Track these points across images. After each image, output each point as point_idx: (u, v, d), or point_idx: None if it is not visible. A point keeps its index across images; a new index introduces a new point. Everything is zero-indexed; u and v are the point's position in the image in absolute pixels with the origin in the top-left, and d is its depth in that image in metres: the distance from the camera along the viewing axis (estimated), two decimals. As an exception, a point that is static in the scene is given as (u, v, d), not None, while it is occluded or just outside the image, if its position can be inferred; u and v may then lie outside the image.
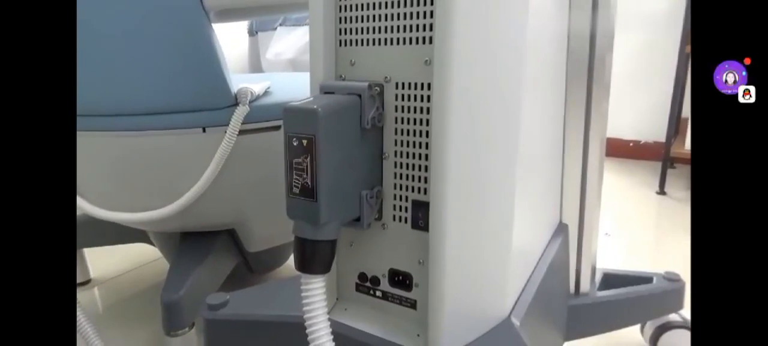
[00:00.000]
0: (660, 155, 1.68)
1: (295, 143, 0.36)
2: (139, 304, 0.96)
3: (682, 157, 1.68)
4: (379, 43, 0.40)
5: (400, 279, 0.44)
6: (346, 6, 0.41)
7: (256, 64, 2.28)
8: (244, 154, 0.68)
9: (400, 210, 0.42)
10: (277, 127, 0.69)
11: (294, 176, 0.37)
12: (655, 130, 2.04)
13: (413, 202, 0.41)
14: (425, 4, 0.37)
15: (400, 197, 0.42)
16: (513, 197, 0.42)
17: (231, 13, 0.74)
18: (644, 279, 0.70)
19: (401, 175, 0.42)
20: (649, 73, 2.02)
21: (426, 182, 0.40)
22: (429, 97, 0.39)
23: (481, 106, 0.38)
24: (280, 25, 2.12)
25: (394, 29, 0.39)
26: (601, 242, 1.20)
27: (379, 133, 0.42)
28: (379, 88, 0.40)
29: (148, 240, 0.93)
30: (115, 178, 0.70)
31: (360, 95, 0.39)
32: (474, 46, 0.36)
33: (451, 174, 0.37)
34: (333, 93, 0.40)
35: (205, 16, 0.61)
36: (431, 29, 0.37)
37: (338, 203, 0.38)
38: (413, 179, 0.41)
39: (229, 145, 0.64)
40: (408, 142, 0.41)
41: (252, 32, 2.27)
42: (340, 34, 0.42)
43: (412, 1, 0.38)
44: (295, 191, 0.37)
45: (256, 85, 0.68)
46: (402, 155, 0.41)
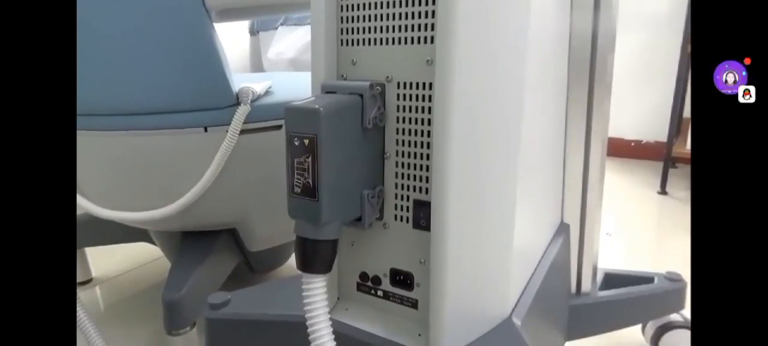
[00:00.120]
0: (661, 155, 1.68)
1: (297, 143, 0.36)
2: (140, 303, 0.96)
3: (684, 157, 1.67)
4: (381, 43, 0.40)
5: (402, 279, 0.44)
6: (347, 5, 0.41)
7: (257, 64, 2.28)
8: (246, 154, 0.68)
9: (402, 210, 0.42)
10: (279, 127, 0.69)
11: (295, 175, 0.37)
12: (657, 130, 2.04)
13: (415, 201, 0.41)
14: (427, 3, 0.37)
15: (402, 196, 0.42)
16: (514, 197, 0.42)
17: (232, 13, 0.74)
18: (645, 279, 0.70)
19: (403, 174, 0.42)
20: (651, 72, 2.02)
21: (427, 181, 0.40)
22: (430, 97, 0.39)
23: (482, 106, 0.38)
24: (282, 25, 2.12)
25: (396, 29, 0.39)
26: (603, 242, 1.20)
27: (381, 133, 0.42)
28: (380, 88, 0.40)
29: (150, 239, 0.93)
30: (117, 177, 0.71)
31: (361, 95, 0.39)
32: (475, 45, 0.36)
33: (452, 174, 0.37)
34: (334, 93, 0.40)
35: (207, 16, 0.61)
36: (433, 29, 0.37)
37: (340, 203, 0.38)
38: (415, 179, 0.41)
39: (231, 145, 0.64)
40: (409, 142, 0.41)
41: (253, 32, 2.27)
42: (342, 33, 0.42)
43: (413, 0, 0.38)
44: (297, 190, 0.37)
45: (257, 84, 0.68)
46: (403, 155, 0.41)
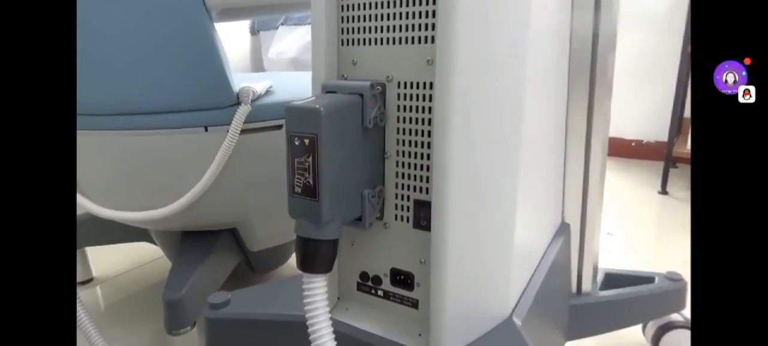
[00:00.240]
0: (662, 155, 1.68)
1: (297, 143, 0.36)
2: (140, 303, 0.96)
3: (685, 157, 1.67)
4: (381, 43, 0.40)
5: (402, 279, 0.44)
6: (348, 5, 0.41)
7: (257, 64, 2.28)
8: (246, 154, 0.68)
9: (402, 209, 0.42)
10: (279, 127, 0.69)
11: (296, 175, 0.37)
12: (658, 130, 2.03)
13: (415, 201, 0.41)
14: (427, 3, 0.37)
15: (402, 196, 0.42)
16: (515, 197, 0.42)
17: (233, 12, 0.74)
18: (646, 279, 0.70)
19: (403, 174, 0.42)
20: (652, 72, 2.01)
21: (428, 181, 0.40)
22: (431, 97, 0.39)
23: (482, 106, 0.38)
24: (282, 24, 2.12)
25: (396, 29, 0.39)
26: (603, 242, 1.20)
27: (381, 133, 0.42)
28: (381, 88, 0.40)
29: (150, 239, 0.93)
30: (118, 177, 0.71)
31: (362, 95, 0.39)
32: (476, 45, 0.36)
33: (453, 173, 0.37)
34: (335, 92, 0.40)
35: (207, 15, 0.61)
36: (433, 29, 0.37)
37: (340, 203, 0.38)
38: (415, 179, 0.41)
39: (231, 145, 0.64)
40: (410, 142, 0.41)
41: (254, 31, 2.27)
42: (342, 33, 0.42)
43: (414, 0, 0.38)
44: (297, 190, 0.37)
45: (257, 84, 0.68)
46: (404, 155, 0.41)
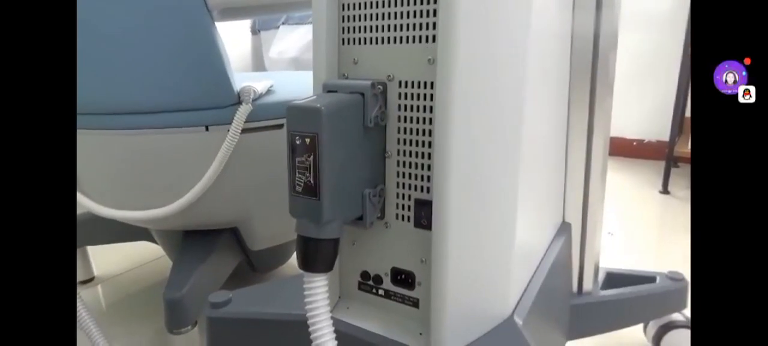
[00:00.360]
0: (663, 155, 1.67)
1: (299, 142, 0.36)
2: (142, 302, 0.96)
3: (686, 157, 1.67)
4: (382, 42, 0.40)
5: (403, 278, 0.44)
6: (349, 4, 0.41)
7: (258, 63, 2.28)
8: (247, 153, 0.68)
9: (403, 209, 0.42)
10: (280, 126, 0.69)
11: (297, 174, 0.37)
12: (659, 130, 2.03)
13: (416, 200, 0.41)
14: (428, 2, 0.37)
15: (403, 195, 0.42)
16: (516, 196, 0.42)
17: (234, 12, 0.74)
18: (647, 279, 0.70)
19: (404, 173, 0.42)
20: (653, 72, 2.01)
21: (429, 180, 0.40)
22: (432, 96, 0.39)
23: (483, 105, 0.38)
24: (283, 24, 2.13)
25: (397, 28, 0.39)
26: (604, 242, 1.20)
27: (382, 132, 0.42)
28: (381, 87, 0.40)
29: (151, 238, 0.93)
30: (119, 176, 0.71)
31: (363, 94, 0.39)
32: (477, 45, 0.36)
33: (453, 173, 0.37)
34: (336, 92, 0.40)
35: (208, 15, 0.61)
36: (434, 28, 0.37)
37: (341, 202, 0.38)
38: (416, 178, 0.41)
39: (232, 144, 0.64)
40: (411, 141, 0.40)
41: (255, 31, 2.27)
42: (343, 32, 0.42)
43: (415, -1, 0.38)
44: (298, 189, 0.37)
45: (258, 83, 0.68)
46: (405, 154, 0.41)
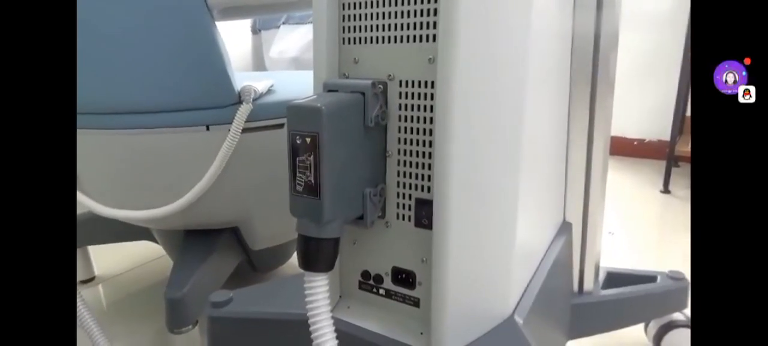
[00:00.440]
0: (664, 154, 1.67)
1: (299, 141, 0.36)
2: (142, 301, 0.96)
3: (687, 156, 1.67)
4: (383, 41, 0.40)
5: (404, 277, 0.44)
6: (349, 4, 0.41)
7: (259, 62, 2.28)
8: (248, 153, 0.68)
9: (404, 208, 0.42)
10: (281, 126, 0.69)
11: (297, 173, 0.37)
12: (660, 129, 2.03)
13: (416, 200, 0.41)
14: (429, 2, 0.37)
15: (404, 195, 0.42)
16: (516, 195, 0.42)
17: (234, 11, 0.74)
18: (648, 278, 0.70)
19: (405, 173, 0.42)
20: (654, 71, 2.01)
21: (429, 180, 0.40)
22: (432, 95, 0.39)
23: (484, 105, 0.38)
24: (284, 23, 2.13)
25: (398, 27, 0.39)
26: (605, 241, 1.19)
27: (383, 132, 0.42)
28: (382, 86, 0.40)
29: (152, 238, 0.93)
30: (120, 176, 0.71)
31: (363, 93, 0.39)
32: (477, 44, 0.36)
33: (454, 172, 0.37)
34: (336, 91, 0.40)
35: (209, 14, 0.61)
36: (435, 27, 0.37)
37: (342, 201, 0.38)
38: (416, 177, 0.41)
39: (233, 143, 0.64)
40: (411, 141, 0.40)
41: (255, 30, 2.27)
42: (344, 32, 0.42)
43: (415, -2, 0.38)
44: (299, 188, 0.37)
45: (259, 83, 0.68)
46: (405, 153, 0.41)
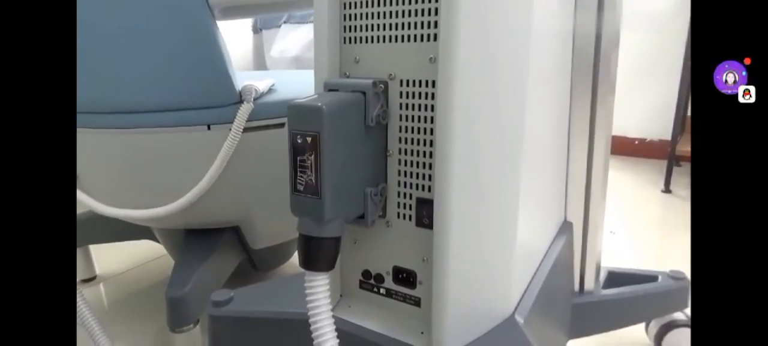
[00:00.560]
0: (665, 154, 1.67)
1: (300, 141, 0.36)
2: (144, 300, 0.96)
3: (688, 156, 1.67)
4: (384, 41, 0.40)
5: (404, 277, 0.44)
6: (350, 3, 0.41)
7: (260, 62, 2.28)
8: (249, 152, 0.68)
9: (405, 208, 0.42)
10: (282, 125, 0.69)
11: (298, 173, 0.37)
12: (661, 129, 2.03)
13: (417, 199, 0.41)
14: (430, 1, 0.37)
15: (405, 194, 0.42)
16: (517, 195, 0.42)
17: (235, 10, 0.74)
18: (649, 278, 0.70)
19: (405, 172, 0.42)
20: (655, 71, 2.01)
21: (430, 179, 0.40)
22: (433, 95, 0.39)
23: (485, 104, 0.38)
24: (285, 23, 2.13)
25: (399, 26, 0.39)
26: (606, 240, 1.19)
27: (384, 131, 0.42)
28: (383, 86, 0.40)
29: (153, 237, 0.93)
30: (121, 175, 0.71)
31: (364, 93, 0.39)
32: (478, 44, 0.36)
33: (455, 172, 0.37)
34: (337, 90, 0.40)
35: (210, 13, 0.61)
36: (436, 26, 0.37)
37: (342, 201, 0.38)
38: (417, 177, 0.41)
39: (234, 143, 0.64)
40: (412, 140, 0.40)
41: (256, 29, 2.27)
42: (345, 31, 0.42)
43: (416, -2, 0.38)
44: (300, 188, 0.37)
45: (260, 82, 0.68)
46: (406, 153, 0.41)
